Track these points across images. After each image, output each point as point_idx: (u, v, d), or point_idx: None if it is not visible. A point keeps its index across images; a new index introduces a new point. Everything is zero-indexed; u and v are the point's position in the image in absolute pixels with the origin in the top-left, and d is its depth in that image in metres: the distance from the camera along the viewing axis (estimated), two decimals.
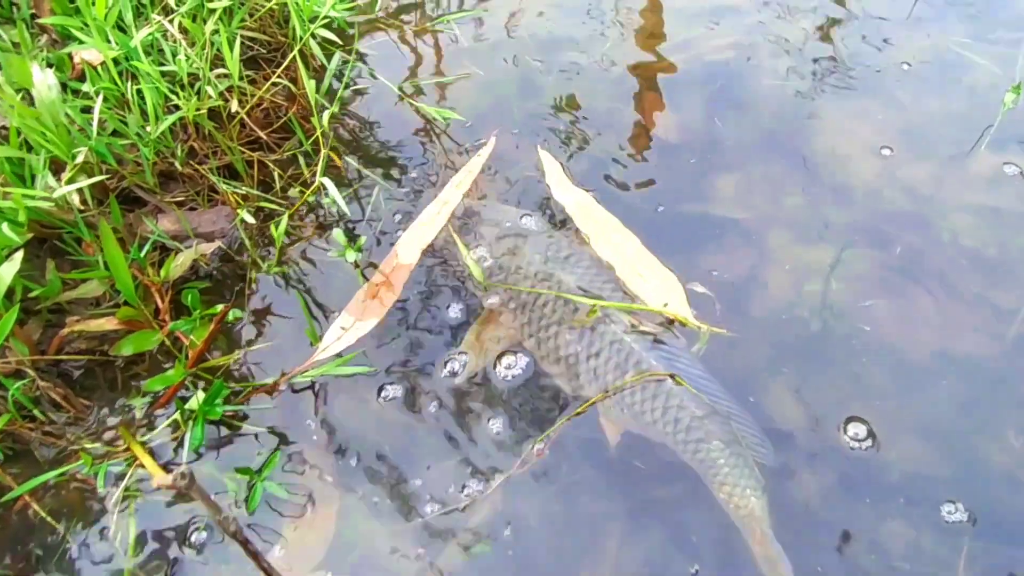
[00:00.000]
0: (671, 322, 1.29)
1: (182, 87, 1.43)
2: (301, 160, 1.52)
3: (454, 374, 1.29)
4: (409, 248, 1.37)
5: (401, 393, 1.28)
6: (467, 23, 1.89)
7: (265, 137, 1.53)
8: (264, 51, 1.65)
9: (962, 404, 1.28)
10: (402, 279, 1.33)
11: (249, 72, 1.59)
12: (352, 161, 1.58)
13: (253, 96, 1.49)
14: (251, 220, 1.37)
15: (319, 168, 1.40)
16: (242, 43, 1.51)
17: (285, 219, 1.34)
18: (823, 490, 1.19)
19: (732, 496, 1.10)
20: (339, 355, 1.27)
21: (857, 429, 1.25)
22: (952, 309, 1.39)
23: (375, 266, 1.40)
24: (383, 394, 1.28)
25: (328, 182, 1.32)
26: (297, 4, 1.44)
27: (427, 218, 1.42)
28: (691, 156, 1.64)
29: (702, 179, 1.61)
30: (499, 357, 1.30)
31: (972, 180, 1.56)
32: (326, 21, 1.46)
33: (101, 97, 1.22)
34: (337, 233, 1.36)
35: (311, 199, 1.45)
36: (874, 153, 1.63)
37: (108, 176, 1.28)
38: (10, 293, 1.17)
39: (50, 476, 1.16)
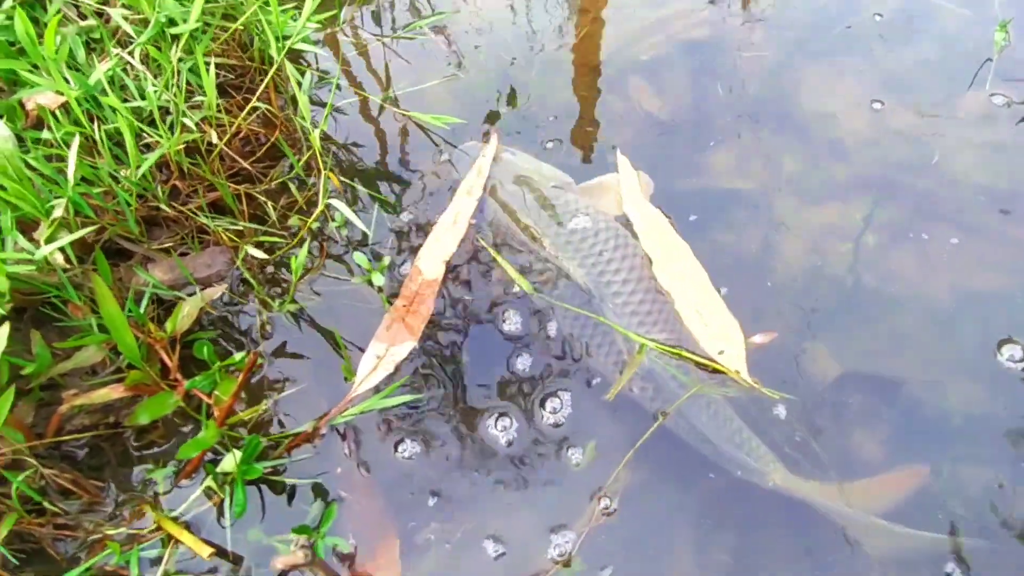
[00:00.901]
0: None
1: (152, 123, 1.30)
2: (293, 187, 1.41)
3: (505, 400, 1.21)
4: (431, 262, 1.28)
5: (450, 425, 1.19)
6: (437, 29, 1.81)
7: (250, 167, 1.41)
8: (231, 76, 1.52)
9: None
10: (431, 296, 1.24)
11: (219, 100, 1.47)
12: (347, 180, 1.47)
13: (231, 125, 1.37)
14: (261, 255, 1.25)
15: (321, 190, 1.30)
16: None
17: (305, 249, 1.23)
18: None
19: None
20: (377, 388, 1.17)
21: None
22: (977, 247, 1.40)
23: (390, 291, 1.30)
24: (431, 425, 1.19)
25: (339, 203, 1.21)
26: (269, 23, 1.33)
27: (444, 229, 1.33)
28: (684, 131, 1.61)
29: (698, 154, 1.58)
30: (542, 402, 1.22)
31: (968, 120, 1.58)
32: (301, 37, 1.35)
33: (76, 141, 1.09)
34: (358, 256, 1.26)
35: (313, 225, 1.34)
36: (863, 106, 1.64)
37: (93, 229, 1.14)
38: None
39: (74, 575, 1.02)
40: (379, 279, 1.20)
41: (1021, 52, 1.67)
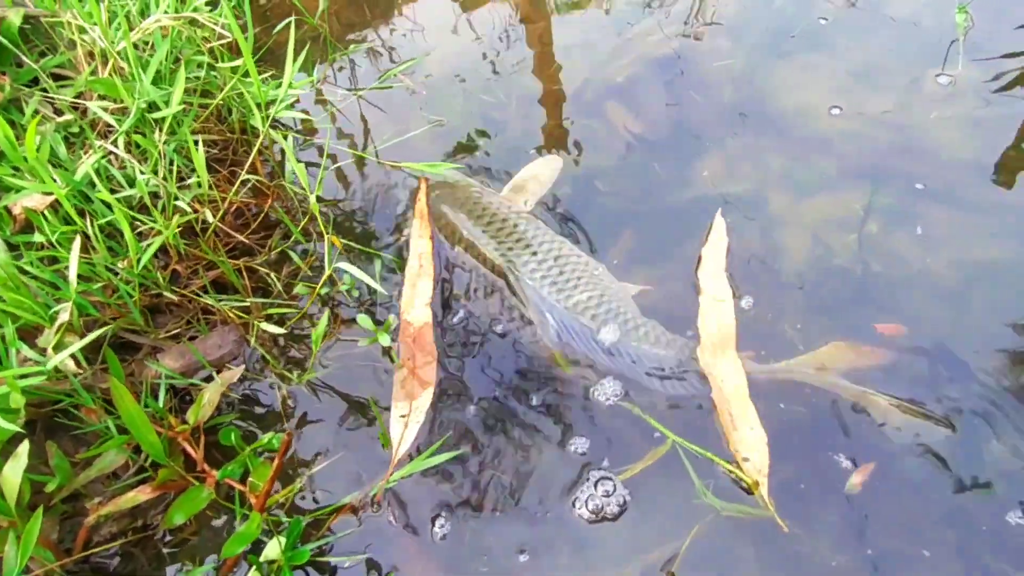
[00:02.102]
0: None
1: (144, 209, 1.28)
2: (294, 255, 1.39)
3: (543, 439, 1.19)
4: (415, 310, 1.28)
5: (498, 478, 1.16)
6: (406, 76, 1.81)
7: (246, 240, 1.39)
8: (214, 150, 1.50)
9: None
10: (428, 339, 1.23)
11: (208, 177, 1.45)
12: (346, 240, 1.45)
13: (223, 200, 1.35)
14: (275, 329, 1.22)
15: (327, 255, 1.27)
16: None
17: (325, 320, 1.20)
18: None
19: None
20: (415, 453, 1.14)
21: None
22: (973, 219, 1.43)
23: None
24: (478, 480, 1.16)
25: (348, 266, 1.19)
26: (251, 95, 1.32)
27: (413, 275, 1.33)
28: (666, 145, 1.63)
29: (684, 165, 1.60)
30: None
31: (938, 99, 1.63)
32: (284, 106, 1.34)
33: (78, 242, 1.06)
34: (361, 319, 1.24)
35: (321, 291, 1.31)
36: (836, 99, 1.68)
37: (104, 331, 1.10)
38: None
39: None
40: (385, 339, 1.17)
41: (983, 32, 1.73)
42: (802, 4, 1.90)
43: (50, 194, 1.16)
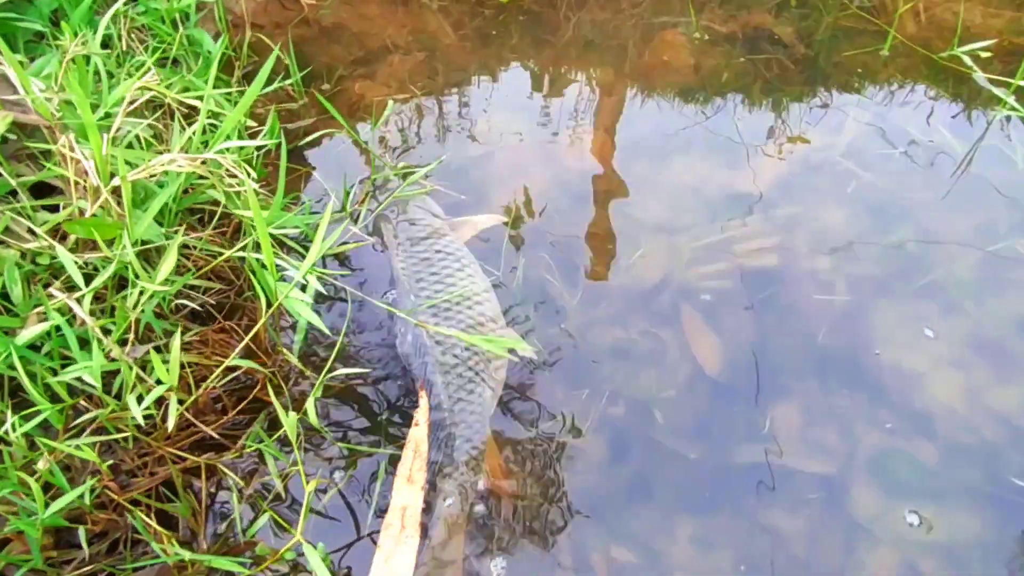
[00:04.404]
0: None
1: (90, 398, 1.00)
2: (269, 461, 1.10)
3: None
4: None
5: None
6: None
7: (215, 435, 1.10)
8: (211, 297, 1.24)
9: None
10: None
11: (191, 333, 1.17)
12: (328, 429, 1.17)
13: (203, 383, 1.07)
14: None
15: (306, 501, 0.97)
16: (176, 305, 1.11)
17: None
18: None
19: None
20: None
21: None
22: None
23: None
24: None
25: (315, 558, 0.89)
26: (264, 285, 1.05)
27: (389, 540, 1.02)
28: (740, 388, 1.33)
29: (757, 415, 1.30)
30: None
31: None
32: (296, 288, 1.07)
33: None
34: None
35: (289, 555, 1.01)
36: (951, 366, 1.37)
37: None
38: None
39: None
40: None
41: None
42: (937, 251, 1.58)
43: None
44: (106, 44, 1.42)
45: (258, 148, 1.43)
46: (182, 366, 1.03)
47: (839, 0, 1.99)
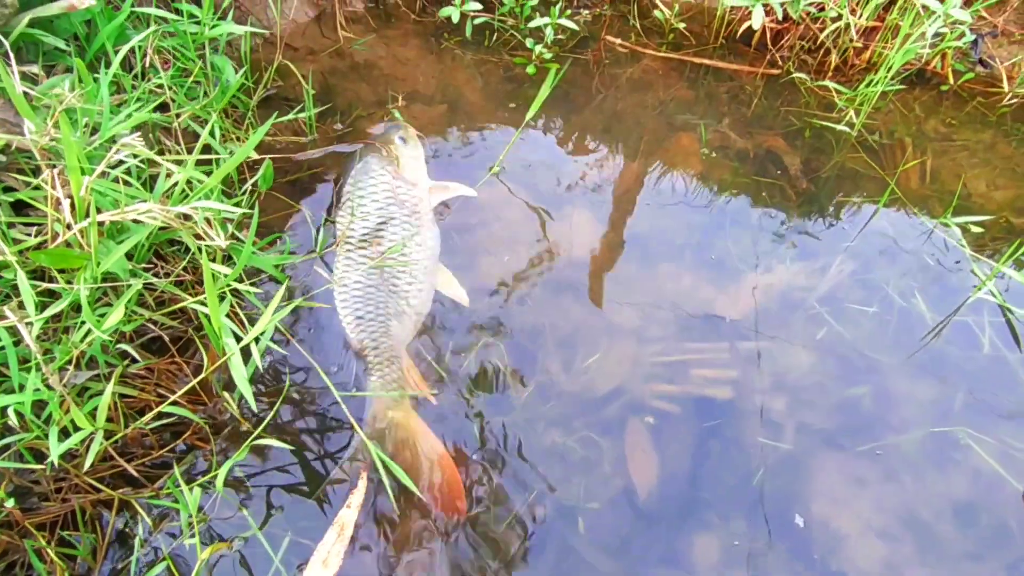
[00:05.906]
0: None
1: (21, 416, 1.03)
2: (182, 509, 1.12)
3: None
4: None
5: None
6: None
7: (134, 472, 1.13)
8: (165, 330, 1.27)
9: None
10: None
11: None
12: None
13: (132, 421, 1.10)
14: None
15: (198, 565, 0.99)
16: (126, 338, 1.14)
17: None
18: None
19: None
20: None
21: None
22: None
23: None
24: None
25: None
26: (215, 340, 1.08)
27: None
28: (667, 512, 1.34)
29: (678, 542, 1.31)
30: None
31: None
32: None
33: None
34: None
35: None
36: (877, 535, 1.37)
37: None
38: None
39: None
40: None
41: None
42: (891, 415, 1.58)
43: None
44: (128, 62, 1.47)
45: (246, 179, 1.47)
46: (120, 397, 1.06)
47: (851, 141, 2.00)
